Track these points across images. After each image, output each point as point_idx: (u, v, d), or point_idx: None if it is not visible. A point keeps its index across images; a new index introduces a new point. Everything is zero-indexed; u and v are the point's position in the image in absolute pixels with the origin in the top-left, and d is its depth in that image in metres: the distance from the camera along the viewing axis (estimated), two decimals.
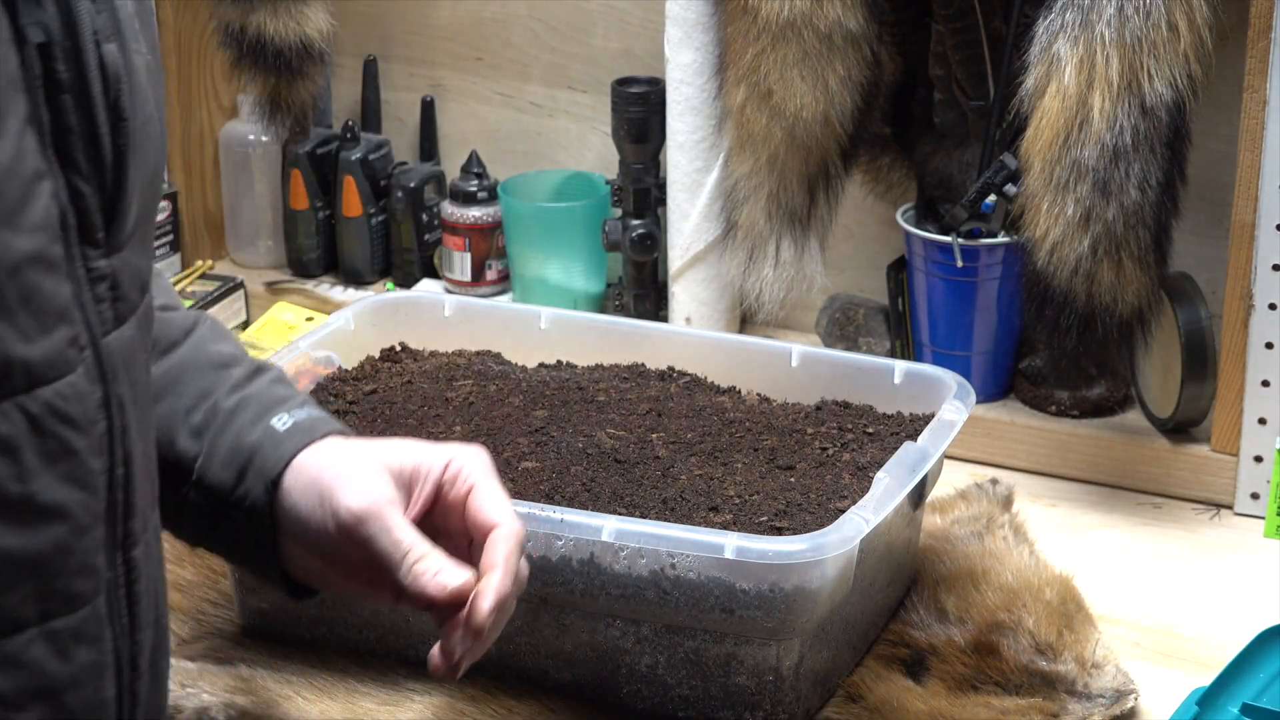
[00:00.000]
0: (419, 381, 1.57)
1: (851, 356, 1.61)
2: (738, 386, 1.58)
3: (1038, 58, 1.57)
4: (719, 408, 1.54)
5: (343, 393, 1.54)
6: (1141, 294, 1.59)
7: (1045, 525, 1.64)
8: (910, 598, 1.45)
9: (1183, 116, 1.55)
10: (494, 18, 2.08)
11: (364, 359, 1.61)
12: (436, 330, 1.65)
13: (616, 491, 1.38)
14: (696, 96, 1.81)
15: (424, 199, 2.07)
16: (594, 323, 1.67)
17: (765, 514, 1.35)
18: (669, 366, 1.60)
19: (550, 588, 1.32)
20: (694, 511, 1.35)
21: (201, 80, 2.12)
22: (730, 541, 1.26)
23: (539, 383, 1.57)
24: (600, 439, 1.46)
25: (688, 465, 1.42)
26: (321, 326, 1.60)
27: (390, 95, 2.15)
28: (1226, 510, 1.68)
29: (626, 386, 1.57)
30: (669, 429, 1.49)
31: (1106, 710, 1.34)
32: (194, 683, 1.39)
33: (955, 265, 1.74)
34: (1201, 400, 1.69)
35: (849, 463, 1.44)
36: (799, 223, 1.73)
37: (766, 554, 1.25)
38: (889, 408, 1.53)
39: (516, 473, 1.40)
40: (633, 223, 1.93)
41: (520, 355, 1.64)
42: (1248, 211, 1.60)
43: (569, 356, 1.63)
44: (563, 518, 1.29)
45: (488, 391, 1.55)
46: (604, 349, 1.62)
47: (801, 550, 1.25)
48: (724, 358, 1.60)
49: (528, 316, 1.65)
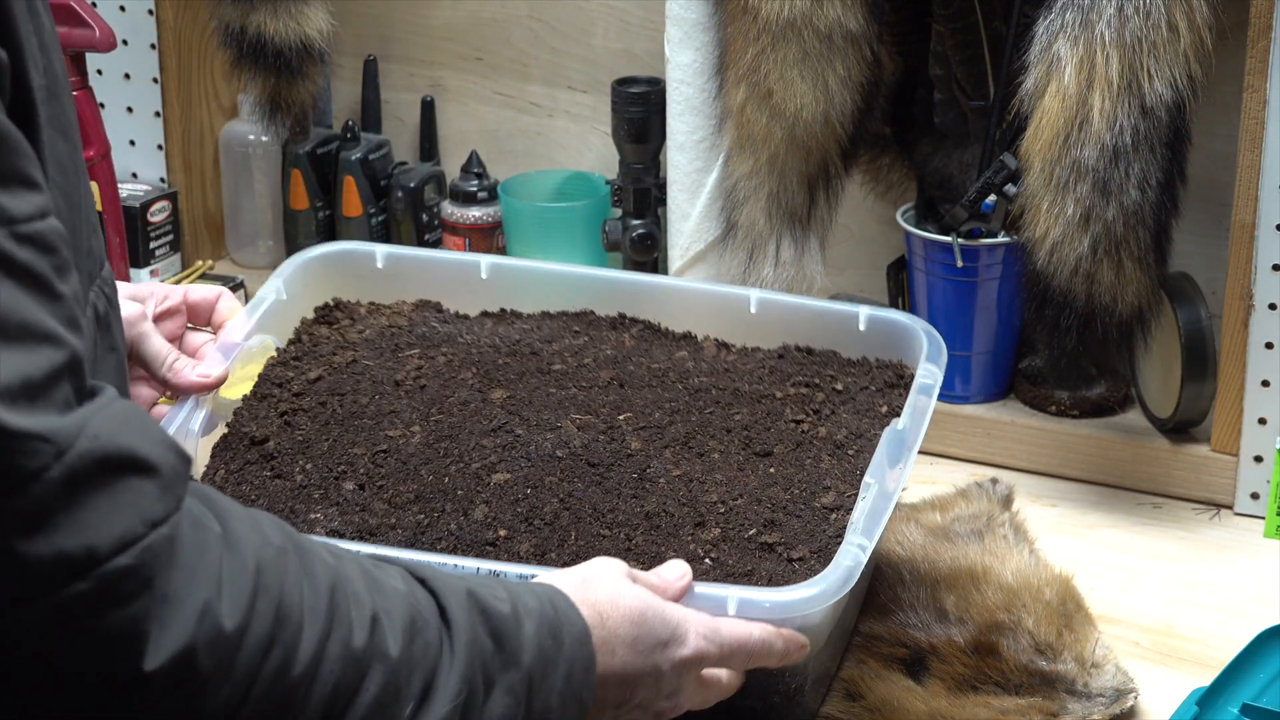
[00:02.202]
0: (363, 357, 1.50)
1: (813, 302, 1.56)
2: (693, 332, 1.54)
3: (1038, 58, 1.57)
4: (681, 369, 1.49)
5: (288, 382, 1.48)
6: (1141, 294, 1.59)
7: (1045, 525, 1.64)
8: (910, 597, 1.45)
9: (1183, 116, 1.55)
10: (494, 18, 2.08)
11: (299, 324, 1.55)
12: (371, 285, 1.59)
13: (596, 507, 1.34)
14: (696, 96, 1.81)
15: (424, 199, 2.07)
16: (535, 271, 1.61)
17: (753, 524, 1.33)
18: (619, 313, 1.56)
19: None
20: (679, 528, 1.32)
21: (201, 80, 2.12)
22: (733, 594, 1.22)
23: (489, 347, 1.51)
24: (568, 431, 1.41)
25: (663, 462, 1.39)
26: (254, 306, 1.50)
27: (390, 95, 2.15)
28: (1226, 510, 1.68)
29: (580, 345, 1.52)
30: (634, 405, 1.44)
31: (1106, 710, 1.34)
32: None
33: (955, 265, 1.74)
34: (1201, 400, 1.69)
35: (826, 439, 1.41)
36: (799, 223, 1.73)
37: (773, 606, 1.22)
38: (854, 353, 1.50)
39: (490, 490, 1.36)
40: (633, 223, 1.93)
41: (460, 305, 1.59)
42: (1248, 211, 1.60)
43: (513, 305, 1.58)
44: None
45: (437, 365, 1.49)
46: (549, 299, 1.57)
47: (806, 599, 1.22)
48: (678, 305, 1.56)
49: (467, 266, 1.60)
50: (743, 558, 1.30)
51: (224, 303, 1.44)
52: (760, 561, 1.30)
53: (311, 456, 1.41)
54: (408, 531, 1.33)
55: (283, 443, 1.43)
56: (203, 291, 1.43)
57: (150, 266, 2.09)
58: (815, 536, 1.32)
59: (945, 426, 1.77)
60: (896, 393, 1.47)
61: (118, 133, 2.08)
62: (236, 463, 1.41)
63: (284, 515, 1.36)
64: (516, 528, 1.32)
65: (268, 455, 1.41)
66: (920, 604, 1.43)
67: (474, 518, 1.33)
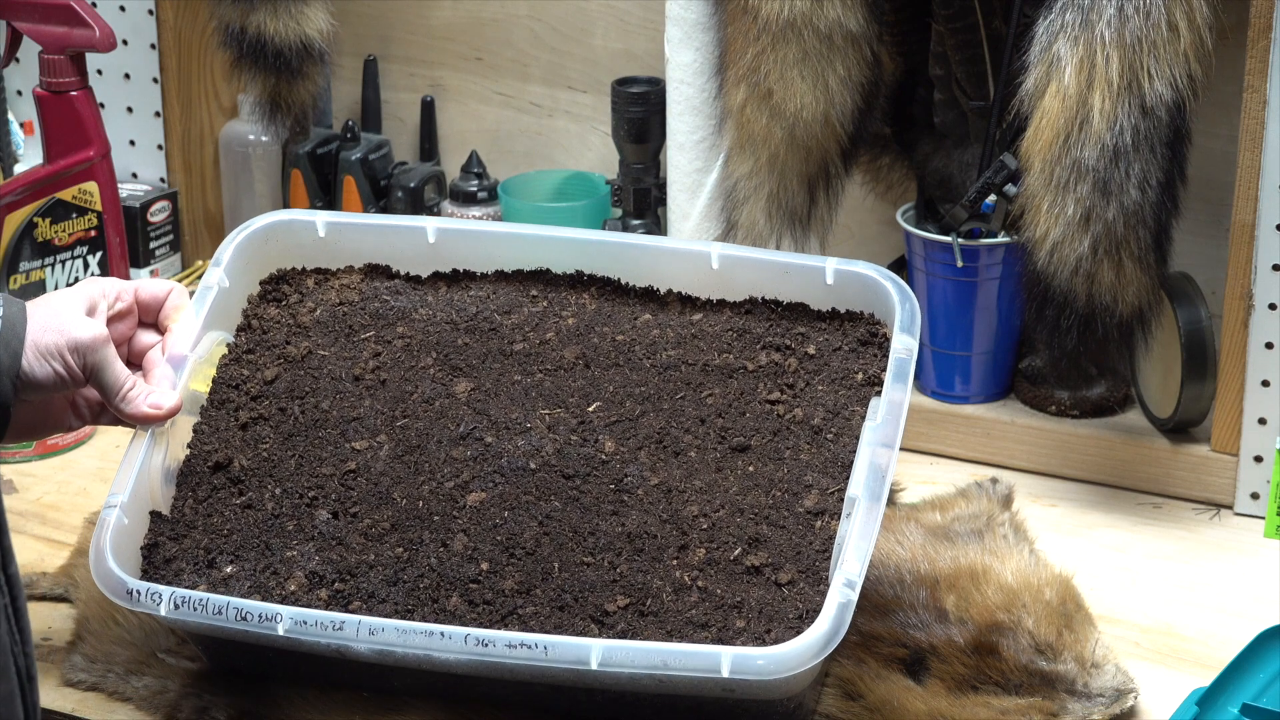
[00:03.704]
0: (318, 346, 1.47)
1: (778, 256, 1.52)
2: (655, 286, 1.51)
3: (1038, 58, 1.57)
4: (647, 340, 1.46)
5: (244, 382, 1.46)
6: (1141, 294, 1.59)
7: (1045, 525, 1.64)
8: (910, 597, 1.44)
9: (1183, 116, 1.55)
10: (494, 18, 2.08)
11: (245, 306, 1.51)
12: (315, 255, 1.55)
13: (576, 529, 1.33)
14: (696, 96, 1.81)
15: (424, 199, 2.07)
16: (488, 234, 1.55)
17: (738, 541, 1.32)
18: (577, 271, 1.52)
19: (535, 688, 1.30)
20: (663, 552, 1.31)
21: (201, 80, 2.12)
22: (726, 653, 1.21)
23: (445, 324, 1.48)
24: (538, 432, 1.39)
25: (639, 467, 1.37)
26: (199, 299, 1.46)
27: (390, 95, 2.15)
28: (1226, 510, 1.68)
29: (539, 312, 1.48)
30: (604, 391, 1.42)
31: (1106, 710, 1.34)
32: (194, 682, 1.39)
33: (955, 265, 1.74)
34: (1201, 400, 1.69)
35: (803, 423, 1.39)
36: (799, 222, 1.72)
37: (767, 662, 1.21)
38: (823, 306, 1.46)
39: (466, 515, 1.35)
40: (633, 223, 1.93)
41: (410, 269, 1.54)
42: (1248, 211, 1.60)
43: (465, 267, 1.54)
44: (546, 646, 1.24)
45: (395, 352, 1.46)
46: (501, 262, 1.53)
47: (799, 651, 1.21)
48: (637, 262, 1.51)
49: (413, 231, 1.54)
50: (731, 585, 1.29)
51: (172, 300, 1.42)
52: (749, 589, 1.29)
53: (279, 479, 1.39)
54: (388, 569, 1.32)
55: (246, 463, 1.40)
56: (152, 288, 1.42)
57: (150, 266, 2.09)
58: (802, 553, 1.31)
59: (945, 426, 1.77)
60: (871, 352, 1.44)
61: (118, 133, 2.08)
62: (204, 490, 1.39)
63: (259, 551, 1.35)
64: (498, 560, 1.32)
65: (234, 479, 1.39)
66: (920, 604, 1.43)
67: (454, 549, 1.33)
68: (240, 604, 1.28)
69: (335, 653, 1.29)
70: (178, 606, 1.29)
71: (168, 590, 1.30)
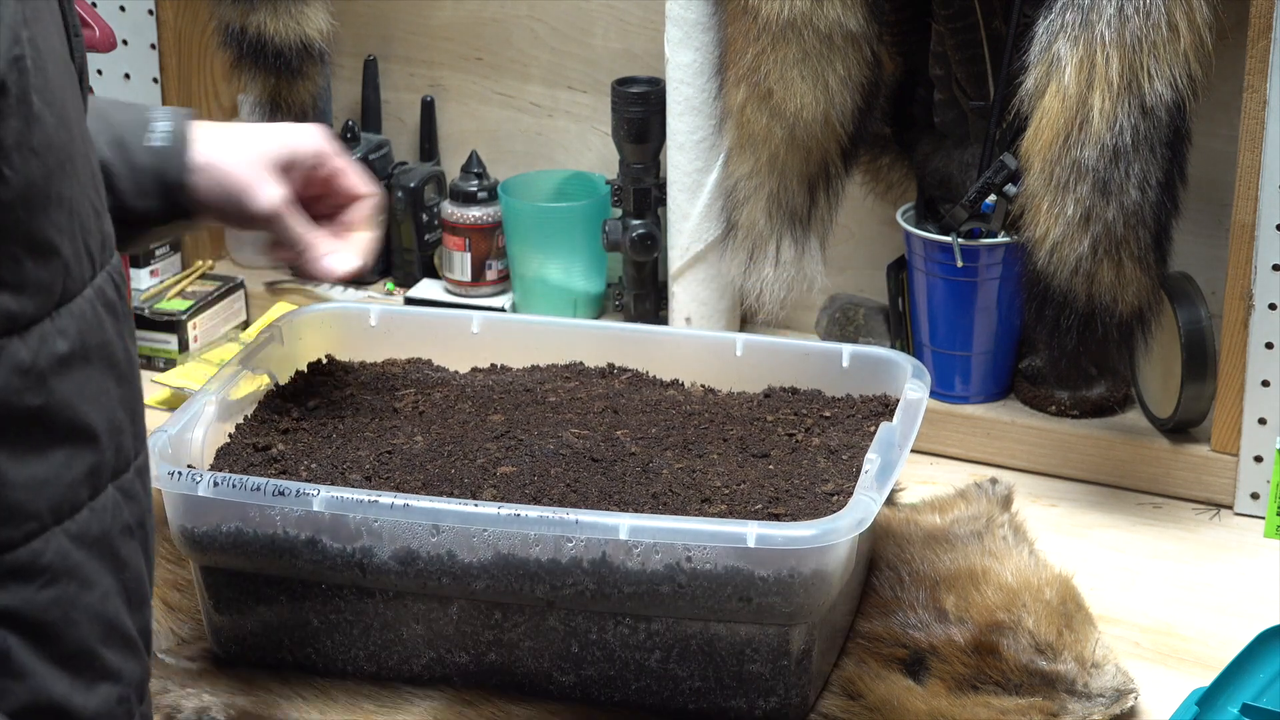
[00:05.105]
0: (360, 393, 1.54)
1: (797, 342, 1.62)
2: (680, 379, 1.59)
3: (1038, 58, 1.57)
4: (671, 401, 1.53)
5: (286, 410, 1.51)
6: (1141, 294, 1.59)
7: (1045, 525, 1.64)
8: (910, 598, 1.45)
9: (1183, 116, 1.55)
10: (494, 18, 2.08)
11: (294, 374, 1.58)
12: (364, 340, 1.63)
13: (604, 490, 1.37)
14: (696, 96, 1.81)
15: (424, 199, 2.07)
16: (528, 324, 1.67)
17: (758, 501, 1.36)
18: (608, 363, 1.60)
19: (559, 590, 1.31)
20: (686, 505, 1.35)
21: (201, 80, 2.12)
22: (751, 530, 1.26)
23: (482, 387, 1.56)
24: (568, 438, 1.45)
25: (665, 459, 1.42)
26: (255, 345, 1.56)
27: (390, 95, 2.15)
28: (1226, 510, 1.68)
29: (572, 386, 1.56)
30: (631, 425, 1.48)
31: (1106, 710, 1.34)
32: (194, 682, 1.40)
33: (955, 265, 1.74)
34: (1201, 400, 1.69)
35: (820, 447, 1.45)
36: (799, 223, 1.73)
37: (792, 540, 1.26)
38: (837, 391, 1.55)
39: (496, 478, 1.39)
40: (633, 223, 1.93)
41: (451, 361, 1.63)
42: (1248, 211, 1.60)
43: (502, 360, 1.62)
44: (578, 519, 1.29)
45: (434, 399, 1.53)
46: (539, 351, 1.62)
47: (821, 534, 1.26)
48: (663, 353, 1.61)
49: (459, 322, 1.64)
50: None
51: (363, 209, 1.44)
52: None
53: (317, 459, 1.43)
54: None
55: (287, 449, 1.44)
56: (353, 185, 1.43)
57: (150, 266, 2.08)
58: (820, 512, 1.34)
59: (945, 426, 1.77)
60: (883, 419, 1.50)
61: None
62: (240, 465, 1.42)
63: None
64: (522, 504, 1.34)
65: (272, 459, 1.43)
66: (920, 604, 1.44)
67: (482, 499, 1.35)
68: (278, 482, 1.33)
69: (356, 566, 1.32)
70: (216, 485, 1.33)
71: (207, 472, 1.34)
